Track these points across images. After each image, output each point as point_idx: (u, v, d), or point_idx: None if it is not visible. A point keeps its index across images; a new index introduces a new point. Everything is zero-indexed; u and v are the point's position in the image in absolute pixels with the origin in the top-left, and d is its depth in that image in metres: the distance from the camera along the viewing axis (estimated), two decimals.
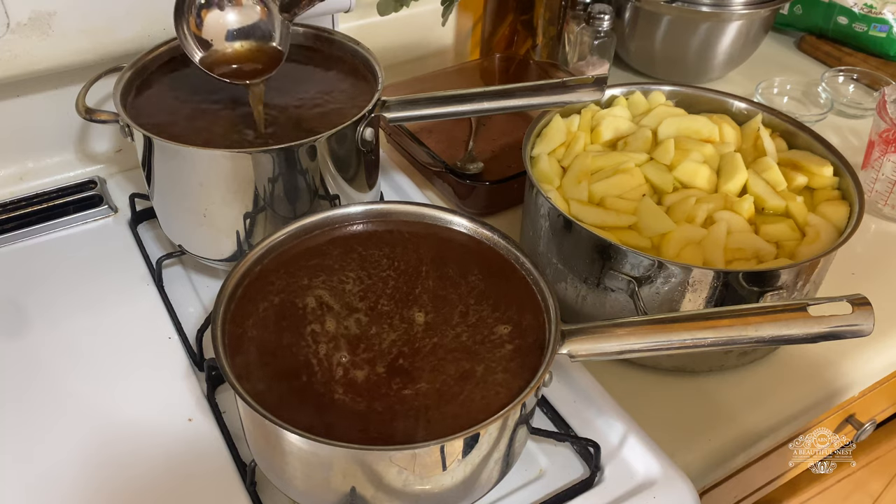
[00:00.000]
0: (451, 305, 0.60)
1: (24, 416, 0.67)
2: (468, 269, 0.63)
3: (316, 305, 0.60)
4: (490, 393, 0.54)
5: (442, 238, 0.66)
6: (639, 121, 0.84)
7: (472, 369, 0.55)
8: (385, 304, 0.60)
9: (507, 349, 0.57)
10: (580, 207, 0.73)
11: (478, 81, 1.09)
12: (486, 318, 0.59)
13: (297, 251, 0.64)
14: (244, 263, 0.61)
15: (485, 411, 0.52)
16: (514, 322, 0.59)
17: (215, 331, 0.56)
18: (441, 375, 0.55)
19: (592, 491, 0.62)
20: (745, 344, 0.57)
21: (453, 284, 0.62)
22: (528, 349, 0.57)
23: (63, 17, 0.78)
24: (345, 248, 0.65)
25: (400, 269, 0.63)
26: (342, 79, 0.81)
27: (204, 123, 0.74)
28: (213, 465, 0.64)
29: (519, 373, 0.55)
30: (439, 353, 0.56)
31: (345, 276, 0.63)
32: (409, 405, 0.53)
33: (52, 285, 0.79)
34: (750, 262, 0.70)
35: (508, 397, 0.53)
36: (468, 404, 0.53)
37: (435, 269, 0.63)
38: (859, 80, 1.19)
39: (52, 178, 0.92)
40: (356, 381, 0.55)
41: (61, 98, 0.86)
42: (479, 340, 0.57)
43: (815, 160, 0.79)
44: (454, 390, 0.54)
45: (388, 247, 0.65)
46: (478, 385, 0.54)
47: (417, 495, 0.54)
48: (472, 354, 0.56)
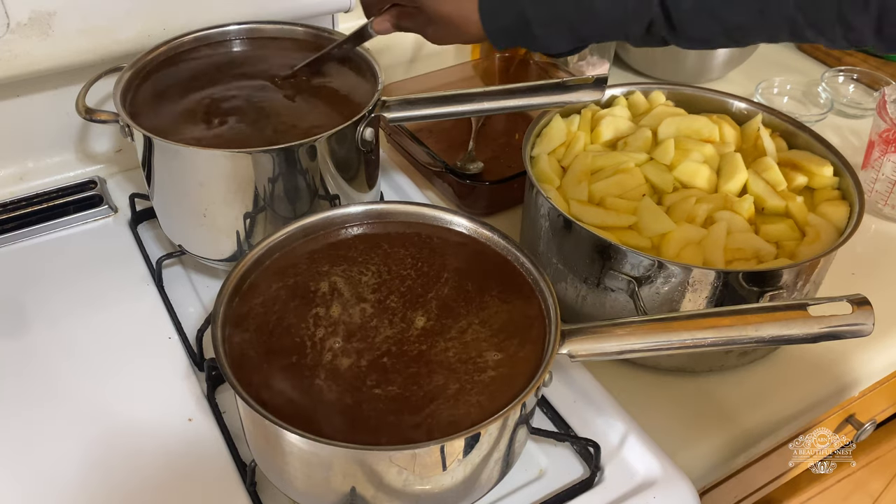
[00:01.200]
0: (455, 318, 0.59)
1: (24, 415, 0.67)
2: (488, 288, 0.61)
3: (328, 290, 0.60)
4: (458, 412, 0.52)
5: (474, 251, 0.65)
6: (639, 121, 0.84)
7: (444, 385, 0.54)
8: (394, 301, 0.60)
9: (488, 376, 0.55)
10: (580, 207, 0.73)
11: (478, 81, 1.09)
12: (481, 340, 0.57)
13: (325, 243, 0.65)
14: (244, 263, 0.61)
15: (444, 432, 0.51)
16: (508, 353, 0.56)
17: (215, 331, 0.56)
18: (413, 385, 0.54)
19: (592, 491, 0.62)
20: (745, 344, 0.57)
21: (467, 299, 0.60)
22: (509, 381, 0.54)
23: (63, 17, 0.78)
24: (371, 242, 0.65)
25: (422, 270, 0.63)
26: (342, 79, 0.81)
27: (204, 123, 0.74)
28: (213, 465, 0.64)
29: (486, 406, 0.52)
30: (421, 362, 0.56)
31: (366, 267, 0.63)
32: (374, 406, 0.53)
33: (52, 285, 0.79)
34: (750, 262, 0.70)
35: (468, 423, 0.51)
36: (430, 419, 0.52)
37: (455, 279, 0.62)
38: (859, 80, 1.19)
39: (52, 178, 0.92)
40: (339, 369, 0.55)
41: (61, 98, 0.86)
42: (463, 360, 0.56)
43: (815, 160, 0.79)
44: (420, 403, 0.53)
45: (415, 248, 0.65)
46: (445, 403, 0.53)
47: (417, 495, 0.53)
48: (451, 372, 0.55)
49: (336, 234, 0.66)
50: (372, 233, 0.66)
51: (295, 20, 0.86)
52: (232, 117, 0.74)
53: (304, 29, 0.85)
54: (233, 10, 0.85)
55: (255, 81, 0.79)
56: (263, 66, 0.82)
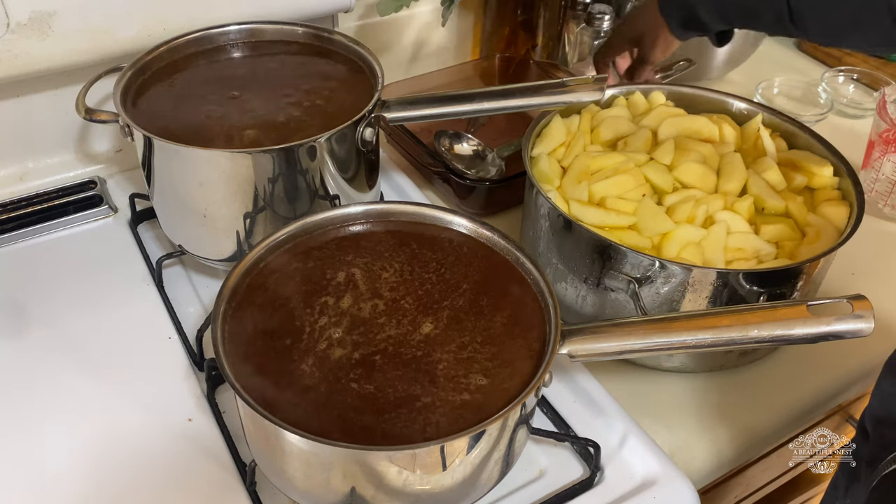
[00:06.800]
0: (460, 332, 0.58)
1: (24, 415, 0.67)
2: (502, 308, 0.60)
3: (343, 281, 0.61)
4: (413, 427, 0.51)
5: (495, 264, 0.64)
6: (639, 121, 0.84)
7: (416, 396, 0.53)
8: (408, 303, 0.60)
9: (461, 398, 0.53)
10: (580, 207, 0.73)
11: (478, 81, 1.09)
12: (474, 361, 0.56)
13: (351, 234, 0.66)
14: (244, 263, 0.61)
15: (390, 442, 0.51)
16: (496, 380, 0.55)
17: (215, 331, 0.56)
18: (389, 388, 0.54)
19: (592, 491, 0.63)
20: (745, 344, 0.57)
21: (478, 314, 0.60)
22: (477, 409, 0.53)
23: (63, 17, 0.78)
24: (400, 240, 0.65)
25: (444, 277, 0.62)
26: (342, 79, 0.81)
27: (204, 123, 0.74)
28: (213, 465, 0.64)
29: (443, 428, 0.51)
30: (409, 367, 0.55)
31: (389, 264, 0.63)
32: (342, 399, 0.53)
33: (52, 285, 0.79)
34: (750, 262, 0.70)
35: (420, 439, 0.51)
36: (384, 425, 0.51)
37: (473, 292, 0.61)
38: (859, 80, 1.19)
39: (53, 178, 0.92)
40: (328, 358, 0.55)
41: (61, 98, 0.86)
42: (449, 376, 0.55)
43: (815, 160, 0.79)
44: (383, 407, 0.53)
45: (442, 252, 0.65)
46: (407, 413, 0.52)
47: (417, 495, 0.53)
48: (431, 384, 0.54)
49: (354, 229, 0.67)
50: (402, 231, 0.66)
51: (295, 20, 0.86)
52: (232, 117, 0.74)
53: (304, 29, 0.85)
54: (233, 10, 0.85)
55: (254, 81, 0.80)
56: (263, 67, 0.82)
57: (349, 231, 0.66)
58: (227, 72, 0.81)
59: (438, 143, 0.93)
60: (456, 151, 0.95)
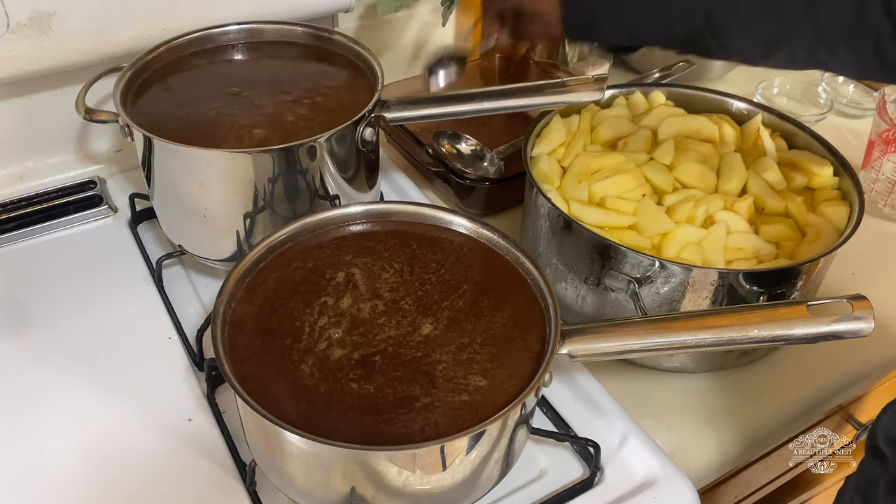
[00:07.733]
0: (460, 333, 0.58)
1: (25, 415, 0.67)
2: (501, 308, 0.60)
3: (342, 281, 0.61)
4: (412, 427, 0.51)
5: (495, 264, 0.64)
6: (639, 121, 0.84)
7: (416, 397, 0.53)
8: (408, 303, 0.60)
9: (460, 399, 0.53)
10: (580, 207, 0.73)
11: (478, 81, 1.09)
12: (473, 362, 0.56)
13: (353, 233, 0.65)
14: (244, 263, 0.61)
15: (389, 442, 0.50)
16: (496, 380, 0.55)
17: (215, 331, 0.56)
18: (388, 388, 0.54)
19: (592, 491, 0.63)
20: (745, 344, 0.57)
21: (478, 315, 0.60)
22: (476, 409, 0.53)
23: (63, 17, 0.78)
24: (400, 240, 0.65)
25: (444, 277, 0.62)
26: (342, 79, 0.81)
27: (204, 123, 0.74)
28: (213, 465, 0.64)
29: (443, 429, 0.51)
30: (409, 368, 0.55)
31: (389, 264, 0.63)
32: (342, 399, 0.53)
33: (52, 285, 0.79)
34: (750, 262, 0.70)
35: (419, 439, 0.50)
36: (384, 425, 0.51)
37: (473, 292, 0.61)
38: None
39: (53, 178, 0.92)
40: (328, 358, 0.55)
41: (61, 98, 0.86)
42: (448, 377, 0.55)
43: (814, 160, 0.79)
44: (383, 408, 0.53)
45: (442, 252, 0.64)
46: (406, 414, 0.52)
47: (417, 495, 0.53)
48: (430, 385, 0.54)
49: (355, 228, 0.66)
50: (402, 231, 0.66)
51: (295, 20, 0.86)
52: (233, 117, 0.74)
53: (304, 29, 0.85)
54: (233, 10, 0.85)
55: (254, 81, 0.80)
56: (263, 67, 0.82)
57: (349, 231, 0.67)
58: (227, 71, 0.82)
59: (437, 143, 0.93)
60: (455, 151, 0.95)
